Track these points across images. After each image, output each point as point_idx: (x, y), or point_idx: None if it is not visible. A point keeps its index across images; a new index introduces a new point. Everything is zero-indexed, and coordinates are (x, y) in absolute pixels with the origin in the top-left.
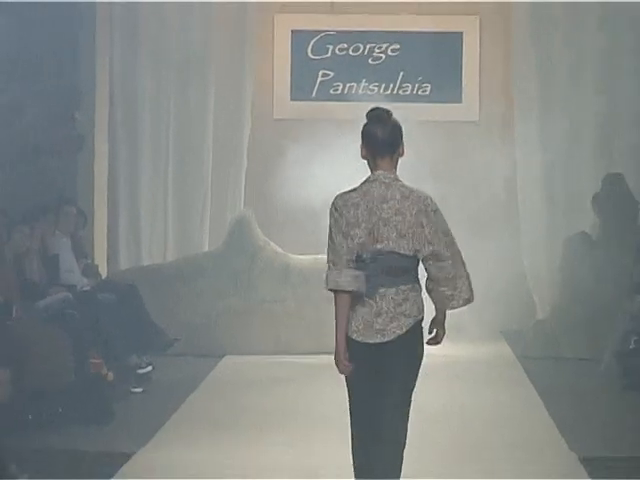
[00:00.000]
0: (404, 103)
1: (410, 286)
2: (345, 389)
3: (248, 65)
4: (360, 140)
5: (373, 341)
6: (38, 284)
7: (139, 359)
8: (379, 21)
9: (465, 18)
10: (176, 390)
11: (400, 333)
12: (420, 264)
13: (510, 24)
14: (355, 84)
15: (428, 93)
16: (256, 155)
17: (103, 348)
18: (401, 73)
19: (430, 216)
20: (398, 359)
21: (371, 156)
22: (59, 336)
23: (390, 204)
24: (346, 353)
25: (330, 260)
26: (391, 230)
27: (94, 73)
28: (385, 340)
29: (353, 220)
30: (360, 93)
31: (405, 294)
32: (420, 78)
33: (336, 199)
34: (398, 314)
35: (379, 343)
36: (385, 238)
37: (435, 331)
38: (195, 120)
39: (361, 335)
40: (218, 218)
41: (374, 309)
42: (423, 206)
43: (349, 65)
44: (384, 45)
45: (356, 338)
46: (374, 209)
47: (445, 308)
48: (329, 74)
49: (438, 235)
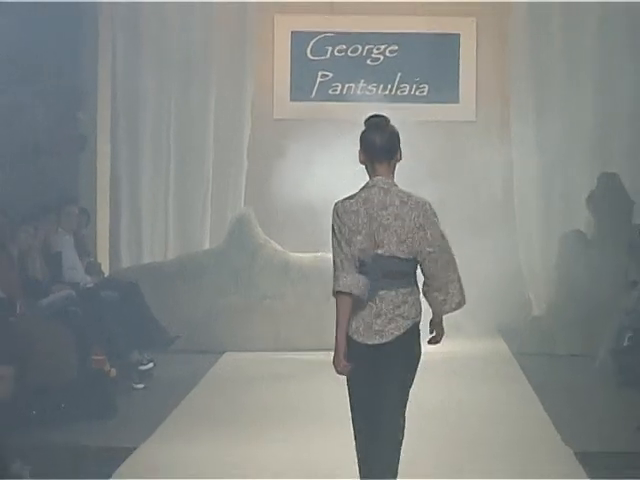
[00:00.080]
0: (402, 103)
1: (409, 289)
2: (344, 386)
3: (248, 66)
4: (359, 143)
5: (372, 342)
6: (41, 282)
7: (141, 356)
8: (377, 23)
9: (462, 20)
10: (177, 386)
11: (398, 334)
12: (418, 268)
13: (506, 26)
14: (354, 85)
15: (426, 93)
16: (256, 154)
17: (105, 345)
18: (399, 74)
19: (429, 220)
20: (396, 360)
21: (369, 162)
22: (62, 333)
23: (389, 210)
24: (345, 354)
25: (335, 265)
26: (391, 235)
27: (96, 73)
28: (383, 341)
29: (354, 227)
30: (359, 93)
31: (404, 297)
32: (418, 79)
33: (337, 206)
34: (396, 316)
35: (378, 344)
36: (386, 243)
37: (435, 331)
38: (196, 120)
39: (361, 336)
40: (219, 217)
41: (374, 310)
42: (422, 211)
43: (348, 66)
44: (382, 46)
45: (356, 339)
46: (374, 215)
47: (438, 312)
48: (328, 75)
49: (436, 239)
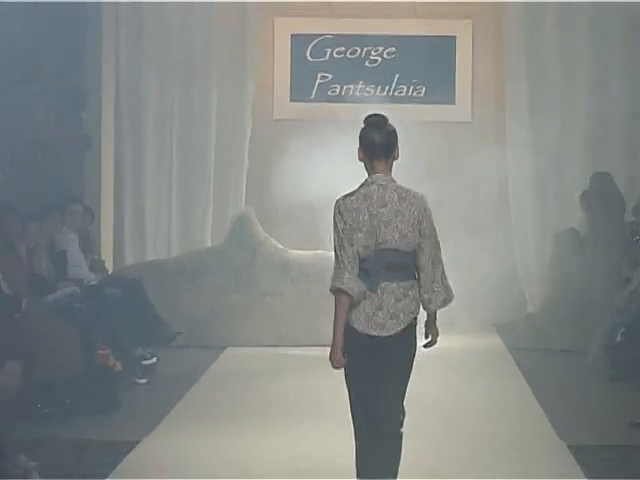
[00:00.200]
0: (400, 104)
1: (410, 283)
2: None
3: (249, 67)
4: (358, 141)
5: (373, 333)
6: (47, 279)
7: (144, 351)
8: (375, 25)
9: (458, 22)
10: (180, 381)
11: (399, 329)
12: None
13: (502, 28)
14: (352, 86)
15: (422, 95)
16: (257, 154)
17: (109, 340)
18: (396, 75)
19: (425, 214)
20: (396, 352)
21: (368, 159)
22: (67, 329)
23: (389, 207)
24: (342, 350)
25: (337, 263)
26: (393, 231)
27: (100, 74)
28: (384, 334)
29: (355, 225)
30: (357, 95)
31: (405, 290)
32: (415, 80)
33: (338, 203)
34: (398, 311)
35: (379, 336)
36: (388, 239)
37: (430, 335)
38: (198, 120)
39: (362, 325)
40: (220, 215)
41: (375, 302)
42: (421, 204)
43: (346, 67)
44: (380, 48)
45: (357, 328)
46: (374, 212)
47: (426, 310)
48: (327, 76)
49: (428, 232)
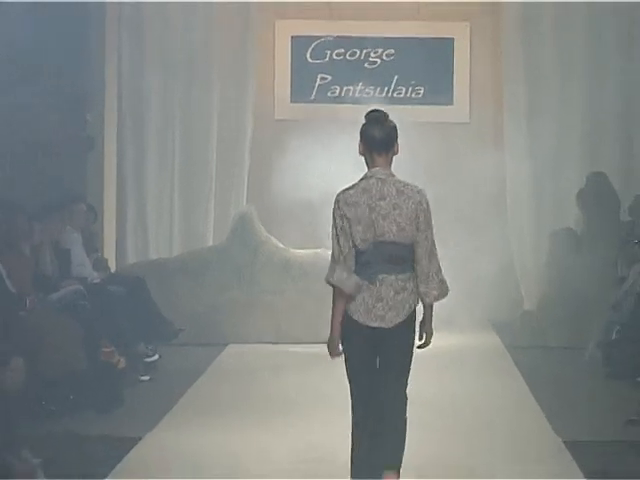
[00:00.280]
0: (398, 105)
1: (407, 275)
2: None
3: (250, 69)
4: (358, 139)
5: (373, 324)
6: (51, 277)
7: (146, 348)
8: (375, 27)
9: (456, 24)
10: (182, 377)
11: (399, 321)
12: None
13: (499, 30)
14: (352, 87)
15: (421, 96)
16: (258, 154)
17: (113, 338)
18: (395, 77)
19: (422, 207)
20: (395, 343)
21: (368, 153)
22: (71, 326)
23: (387, 200)
24: (339, 340)
25: (333, 256)
26: (391, 224)
27: (103, 74)
28: (384, 326)
29: (354, 218)
30: (357, 96)
31: (403, 283)
32: (413, 81)
33: (338, 196)
34: (397, 303)
35: (378, 327)
36: (386, 231)
37: (424, 335)
38: (200, 121)
39: (361, 316)
40: (222, 214)
41: (374, 294)
42: (419, 197)
43: (346, 69)
44: (379, 50)
45: (357, 319)
46: (373, 206)
47: (422, 303)
48: (327, 77)
49: (425, 225)
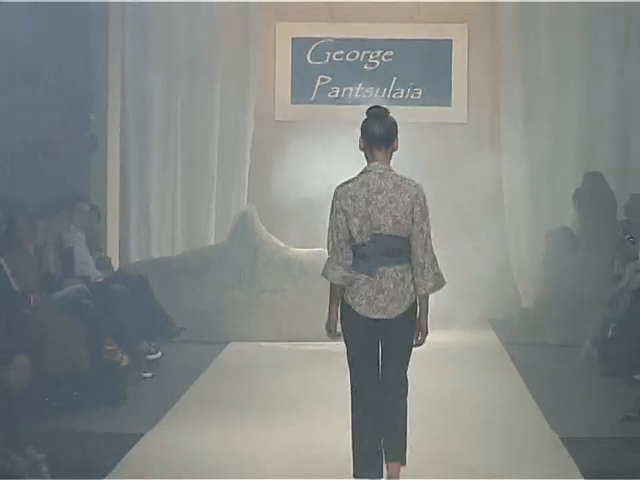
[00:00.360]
0: (397, 106)
1: (406, 266)
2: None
3: (251, 70)
4: (359, 136)
5: (375, 316)
6: (54, 276)
7: (149, 346)
8: (374, 29)
9: (454, 26)
10: (184, 375)
11: (400, 312)
12: None
13: (497, 32)
14: (351, 88)
15: (420, 97)
16: (259, 154)
17: (116, 336)
18: (394, 78)
19: (419, 201)
20: (396, 334)
21: (368, 148)
22: (74, 324)
23: (384, 194)
24: (336, 323)
25: (328, 250)
26: (387, 217)
27: (107, 75)
28: (386, 317)
29: (352, 211)
30: (356, 97)
31: (402, 274)
32: (412, 83)
33: (337, 189)
34: (398, 294)
35: (380, 319)
36: (383, 224)
37: (419, 334)
38: (202, 122)
39: (364, 309)
40: (223, 214)
41: (375, 286)
42: (415, 191)
43: (346, 70)
44: (378, 52)
45: (359, 312)
46: (370, 199)
47: (417, 294)
48: (327, 79)
49: (420, 217)
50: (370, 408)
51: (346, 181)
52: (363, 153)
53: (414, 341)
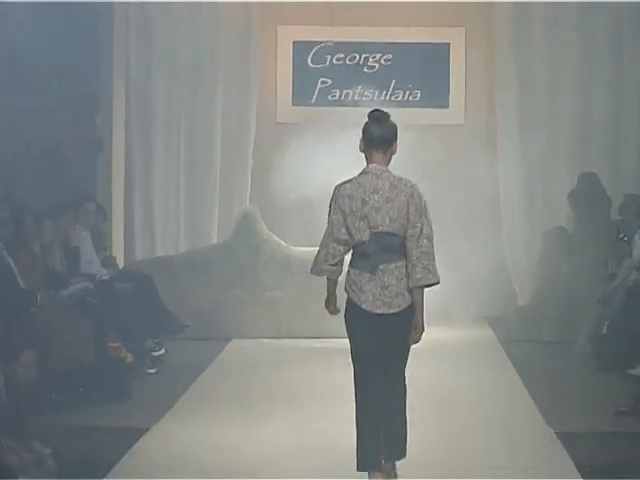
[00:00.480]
0: (396, 108)
1: (404, 262)
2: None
3: (253, 73)
4: (358, 142)
5: (380, 311)
6: (61, 274)
7: (153, 343)
8: (373, 33)
9: (452, 30)
10: (187, 371)
11: (405, 307)
12: None
13: (493, 35)
14: (351, 91)
15: (418, 99)
16: (260, 155)
17: (121, 333)
18: (393, 81)
19: (413, 200)
20: (398, 327)
21: (368, 150)
22: (80, 322)
23: (380, 194)
24: (335, 303)
25: (320, 247)
26: (384, 216)
27: (112, 78)
28: (390, 312)
29: (348, 210)
30: (356, 99)
31: (403, 270)
32: (411, 85)
33: (336, 189)
34: (401, 289)
35: (385, 313)
36: (380, 223)
37: (415, 330)
38: (204, 123)
39: (370, 305)
40: (226, 213)
41: (379, 283)
42: (410, 190)
43: (346, 73)
44: (378, 55)
45: (365, 307)
46: (366, 199)
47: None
48: (327, 81)
49: (415, 214)
50: (374, 404)
51: (344, 181)
52: (363, 154)
53: (410, 338)
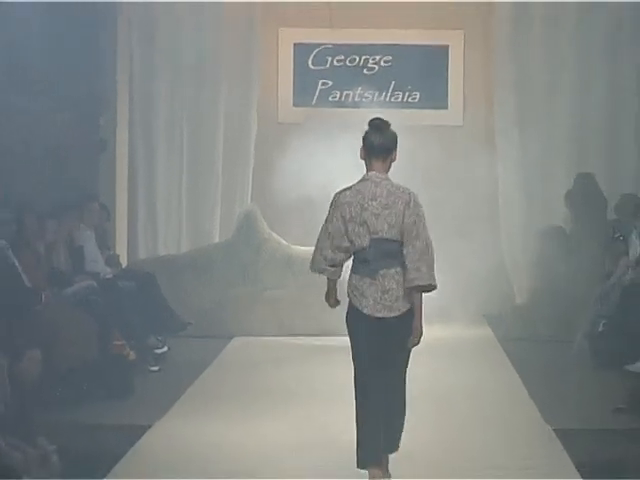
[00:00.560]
0: (395, 109)
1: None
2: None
3: (255, 74)
4: (360, 143)
5: (381, 315)
6: (65, 273)
7: (156, 340)
8: (373, 35)
9: (451, 32)
10: (189, 368)
11: (404, 310)
12: None
13: (492, 37)
14: (351, 92)
15: (417, 100)
16: (262, 155)
17: (124, 331)
18: (393, 82)
19: (409, 206)
20: (398, 330)
21: (368, 158)
22: (84, 320)
23: (378, 201)
24: (335, 296)
25: (317, 248)
26: (382, 223)
27: (115, 80)
28: (391, 315)
29: (348, 216)
30: (356, 100)
31: (402, 275)
32: (410, 87)
33: (336, 196)
34: (402, 293)
35: (386, 317)
36: (379, 230)
37: (414, 331)
38: (207, 124)
39: (371, 309)
40: (227, 212)
41: (380, 288)
42: (407, 198)
43: (346, 75)
44: (377, 57)
45: (367, 312)
46: (365, 206)
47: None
48: (328, 83)
49: (413, 224)
50: (374, 404)
51: (344, 189)
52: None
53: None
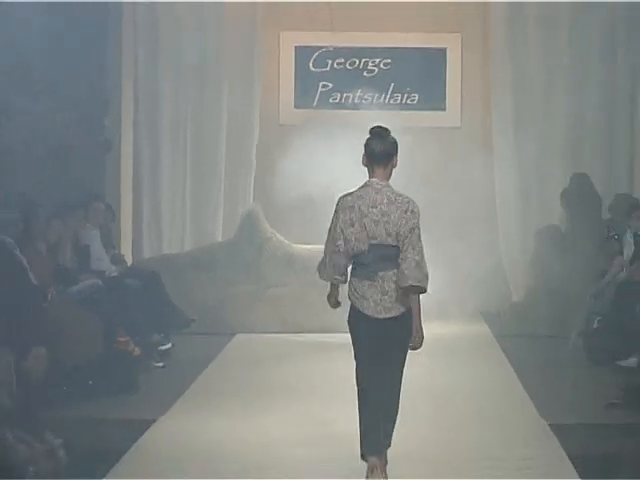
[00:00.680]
0: (394, 111)
1: None
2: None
3: (257, 77)
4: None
5: (381, 316)
6: (71, 271)
7: (160, 337)
8: (373, 38)
9: (449, 35)
10: (193, 365)
11: (403, 310)
12: None
13: (489, 40)
14: (351, 94)
15: (416, 102)
16: (264, 156)
17: (129, 328)
18: (392, 84)
19: (407, 215)
20: (399, 331)
21: (369, 165)
22: (90, 317)
23: (378, 208)
24: (337, 297)
25: (324, 254)
26: (381, 229)
27: (120, 82)
28: (390, 316)
29: (349, 220)
30: (356, 102)
31: None
32: (409, 89)
33: (338, 201)
34: (400, 295)
35: (386, 318)
36: (378, 235)
37: (414, 335)
38: (210, 125)
39: (371, 311)
40: (230, 212)
41: (379, 289)
42: (406, 206)
43: (346, 77)
44: (377, 59)
45: (367, 313)
46: (365, 212)
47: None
48: (328, 85)
49: (409, 231)
50: (374, 400)
51: (346, 194)
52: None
53: (410, 343)
